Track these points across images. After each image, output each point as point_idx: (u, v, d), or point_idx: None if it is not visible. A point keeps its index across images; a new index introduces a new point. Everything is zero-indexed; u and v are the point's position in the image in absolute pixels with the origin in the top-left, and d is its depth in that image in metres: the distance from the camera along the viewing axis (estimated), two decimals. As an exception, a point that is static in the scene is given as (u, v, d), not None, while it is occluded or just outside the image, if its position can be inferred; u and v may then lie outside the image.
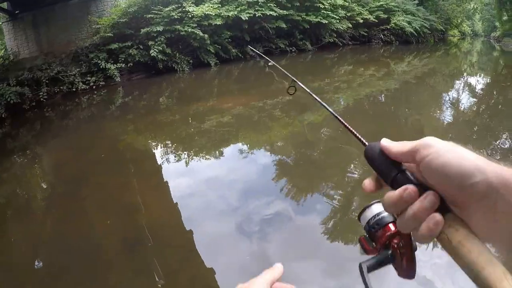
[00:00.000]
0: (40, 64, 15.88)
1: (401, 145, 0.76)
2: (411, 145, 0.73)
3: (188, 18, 19.12)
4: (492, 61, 26.12)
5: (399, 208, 0.73)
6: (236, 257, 4.34)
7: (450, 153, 0.67)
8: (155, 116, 11.57)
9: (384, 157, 0.79)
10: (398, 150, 0.76)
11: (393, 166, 0.77)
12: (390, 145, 0.78)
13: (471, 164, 0.63)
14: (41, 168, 8.72)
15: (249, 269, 4.05)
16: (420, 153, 0.71)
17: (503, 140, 8.21)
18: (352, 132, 1.06)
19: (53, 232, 5.43)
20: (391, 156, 0.78)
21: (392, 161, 0.78)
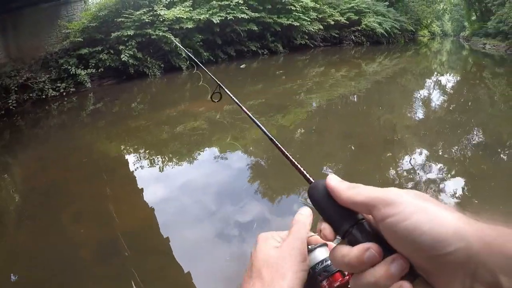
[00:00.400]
0: (8, 71, 15.55)
1: (353, 192, 0.65)
2: (366, 196, 0.62)
3: (159, 22, 19.01)
4: (462, 59, 26.90)
5: (355, 269, 0.62)
6: (214, 262, 4.36)
7: (419, 214, 0.56)
8: (127, 122, 11.47)
9: (333, 201, 0.68)
10: (349, 198, 0.65)
11: (347, 215, 0.67)
12: (339, 189, 0.67)
13: (448, 229, 0.53)
14: (12, 179, 8.55)
15: (227, 274, 4.11)
16: (379, 211, 0.60)
17: (473, 135, 8.43)
18: (296, 166, 0.91)
19: (25, 244, 5.31)
20: (340, 203, 0.67)
21: (344, 208, 0.67)
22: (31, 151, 10.05)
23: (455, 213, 0.55)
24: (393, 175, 6.43)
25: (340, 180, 0.69)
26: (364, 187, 0.65)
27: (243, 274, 0.85)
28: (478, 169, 6.63)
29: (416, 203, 0.57)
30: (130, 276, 4.18)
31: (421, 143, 8.01)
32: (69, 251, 4.88)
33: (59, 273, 4.40)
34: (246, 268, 0.84)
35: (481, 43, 32.16)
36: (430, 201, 0.59)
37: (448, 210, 0.56)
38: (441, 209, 0.56)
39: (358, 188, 0.65)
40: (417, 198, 0.59)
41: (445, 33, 61.37)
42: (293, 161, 0.93)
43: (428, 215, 0.55)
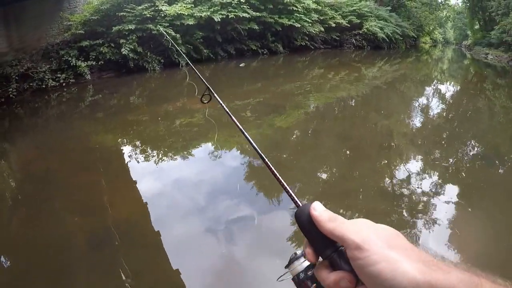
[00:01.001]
0: (10, 60, 15.63)
1: (332, 226, 0.75)
2: (342, 234, 0.73)
3: (161, 17, 19.10)
4: (463, 68, 26.64)
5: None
6: (203, 257, 4.42)
7: (382, 264, 0.66)
8: (125, 115, 11.55)
9: (316, 228, 0.78)
10: (329, 230, 0.75)
11: (328, 242, 0.76)
12: (321, 220, 0.77)
13: (405, 278, 0.63)
14: (9, 166, 8.60)
15: (216, 269, 4.19)
16: (350, 251, 0.71)
17: (471, 146, 8.40)
18: (286, 189, 1.00)
19: (18, 231, 5.39)
20: (321, 231, 0.77)
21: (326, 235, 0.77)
22: (29, 139, 10.13)
23: (415, 264, 0.65)
24: (388, 182, 6.43)
25: (324, 209, 0.80)
26: (341, 222, 0.76)
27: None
28: (475, 180, 6.61)
29: (382, 251, 0.67)
30: (119, 266, 4.24)
31: (417, 151, 7.99)
32: (62, 239, 4.94)
33: (51, 260, 4.47)
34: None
35: (483, 53, 31.78)
36: (396, 247, 0.69)
37: (410, 258, 0.66)
38: (403, 258, 0.66)
39: (336, 222, 0.76)
40: (385, 243, 0.69)
41: (447, 41, 61.03)
42: (283, 184, 1.02)
43: (390, 265, 0.65)
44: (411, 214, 5.27)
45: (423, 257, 0.67)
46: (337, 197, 5.96)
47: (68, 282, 4.13)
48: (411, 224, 5.02)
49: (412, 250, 0.69)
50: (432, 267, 0.65)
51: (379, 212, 5.34)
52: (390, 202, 5.67)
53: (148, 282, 4.11)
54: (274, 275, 3.44)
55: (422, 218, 5.12)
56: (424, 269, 0.64)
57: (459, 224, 5.11)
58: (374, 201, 5.72)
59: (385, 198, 5.83)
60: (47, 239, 4.93)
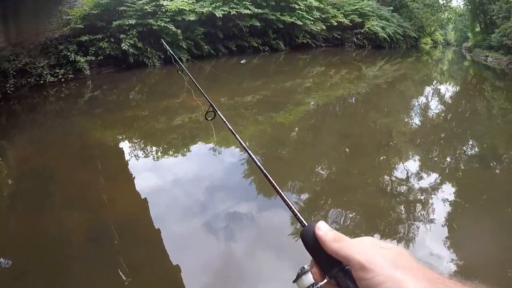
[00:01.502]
0: (7, 55, 15.47)
1: (337, 246, 0.75)
2: (347, 255, 0.72)
3: (162, 13, 18.99)
4: (462, 70, 26.97)
5: None
6: (202, 255, 4.40)
7: (387, 284, 0.65)
8: (124, 111, 11.48)
9: (321, 247, 0.78)
10: (334, 251, 0.75)
11: (334, 261, 0.76)
12: (325, 241, 0.77)
13: None
14: (6, 163, 8.53)
15: (214, 268, 4.15)
16: (355, 271, 0.70)
17: (469, 147, 8.47)
18: (291, 209, 0.97)
19: (17, 227, 5.38)
20: (326, 251, 0.76)
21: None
22: (26, 135, 10.05)
23: (420, 283, 0.64)
24: (386, 180, 6.48)
25: (329, 228, 0.79)
26: (347, 242, 0.75)
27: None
28: (472, 180, 6.70)
29: (386, 272, 0.66)
30: (118, 262, 4.22)
31: (416, 150, 8.10)
32: (61, 234, 4.93)
33: (49, 254, 4.46)
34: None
35: (483, 55, 31.89)
36: (400, 267, 0.67)
37: (415, 277, 0.65)
38: (408, 277, 0.65)
39: (342, 242, 0.75)
40: (390, 263, 0.68)
41: (447, 42, 61.51)
42: (288, 203, 0.98)
43: (395, 285, 0.64)
44: (408, 211, 5.39)
45: (429, 275, 0.67)
46: (336, 193, 6.11)
47: (67, 277, 4.12)
48: (408, 221, 5.11)
49: (418, 268, 0.68)
50: (439, 285, 0.65)
51: (377, 208, 5.46)
52: (388, 199, 5.81)
53: (147, 277, 4.09)
54: (272, 274, 3.40)
55: (419, 215, 5.29)
56: (432, 285, 0.64)
57: (455, 222, 5.23)
58: (372, 197, 5.82)
59: (383, 195, 5.95)
60: (46, 234, 4.95)
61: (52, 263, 4.32)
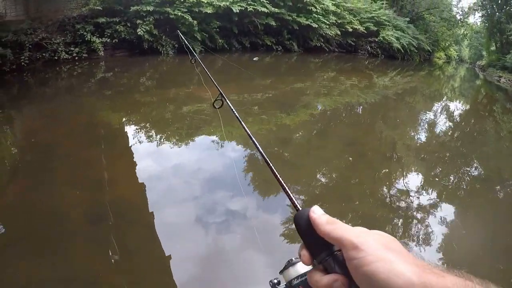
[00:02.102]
0: (25, 28, 15.62)
1: (330, 228, 0.76)
2: (340, 235, 0.73)
3: (180, 2, 19.09)
4: (474, 89, 26.46)
5: None
6: (193, 245, 4.46)
7: (378, 263, 0.66)
8: (133, 95, 11.61)
9: (313, 231, 0.79)
10: (326, 232, 0.76)
11: (324, 245, 0.77)
12: (319, 222, 0.78)
13: (400, 279, 0.64)
14: (13, 133, 8.63)
15: (205, 258, 4.23)
16: (347, 252, 0.71)
17: (473, 167, 8.39)
18: (287, 193, 0.98)
19: (17, 198, 5.44)
20: (319, 233, 0.78)
21: (322, 238, 0.77)
22: (36, 108, 10.19)
23: (410, 266, 0.65)
24: (385, 192, 6.45)
25: (323, 213, 0.81)
26: (341, 225, 0.76)
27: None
28: (473, 201, 6.64)
29: (378, 253, 0.68)
30: (109, 242, 4.31)
31: (419, 166, 8.00)
32: (57, 209, 5.02)
33: (43, 226, 4.55)
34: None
35: (497, 75, 31.25)
36: (392, 250, 0.69)
37: (405, 261, 0.67)
38: (399, 260, 0.67)
39: (335, 224, 0.76)
40: (382, 246, 0.70)
41: (461, 59, 60.49)
42: (285, 188, 1.00)
43: (386, 264, 0.66)
44: (405, 226, 5.33)
45: (418, 262, 0.68)
46: (336, 200, 6.02)
47: (57, 250, 4.18)
48: (406, 234, 5.06)
49: (408, 255, 0.70)
50: (426, 270, 0.65)
51: (375, 218, 5.40)
52: (387, 211, 5.74)
53: (138, 260, 4.17)
54: (264, 269, 3.48)
55: (415, 232, 5.20)
56: (419, 271, 0.64)
57: (453, 240, 5.17)
58: (372, 207, 5.78)
59: (381, 207, 5.89)
60: (43, 207, 5.01)
61: (45, 235, 4.41)
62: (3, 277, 3.81)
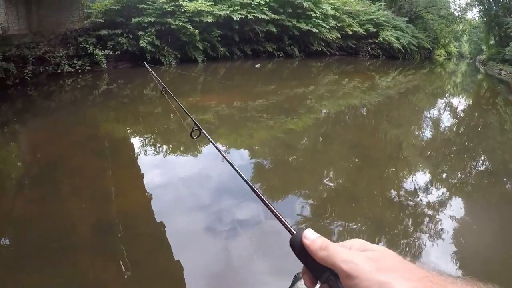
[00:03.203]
0: (28, 42, 15.75)
1: (323, 255, 0.76)
2: (332, 263, 0.74)
3: (180, 12, 19.22)
4: (476, 83, 26.42)
5: None
6: (204, 254, 4.43)
7: (376, 287, 0.66)
8: (137, 106, 11.67)
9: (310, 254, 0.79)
10: (320, 258, 0.76)
11: (324, 266, 0.77)
12: (312, 249, 0.78)
13: None
14: (18, 147, 8.64)
15: (216, 267, 4.20)
16: (342, 280, 0.72)
17: (480, 162, 8.38)
18: (279, 218, 0.99)
19: (24, 211, 5.46)
20: (315, 259, 0.78)
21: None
22: (40, 121, 10.24)
23: (407, 283, 0.65)
24: (394, 191, 6.41)
25: (316, 237, 0.80)
26: (332, 250, 0.75)
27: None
28: (482, 195, 6.61)
29: (371, 276, 0.67)
30: (119, 254, 4.30)
31: (425, 163, 7.96)
32: (64, 221, 5.02)
33: (53, 241, 4.52)
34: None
35: (497, 69, 31.31)
36: (386, 270, 0.68)
37: (402, 278, 0.66)
38: (395, 279, 0.66)
39: (328, 250, 0.76)
40: (374, 268, 0.69)
41: (461, 55, 60.49)
42: (276, 213, 1.00)
43: (379, 287, 0.66)
44: (414, 225, 5.27)
45: (417, 274, 0.67)
46: (343, 202, 5.98)
47: (67, 264, 4.16)
48: (414, 235, 5.01)
49: (405, 269, 0.69)
50: (427, 284, 0.65)
51: (383, 220, 5.36)
52: (395, 211, 5.67)
53: (148, 271, 4.12)
54: (275, 278, 3.49)
55: (425, 230, 5.11)
56: (418, 287, 0.64)
57: (463, 238, 5.11)
58: (378, 209, 5.73)
59: (390, 207, 5.83)
60: (51, 221, 5.01)
61: (53, 248, 4.37)
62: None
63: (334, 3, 26.96)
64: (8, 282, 3.93)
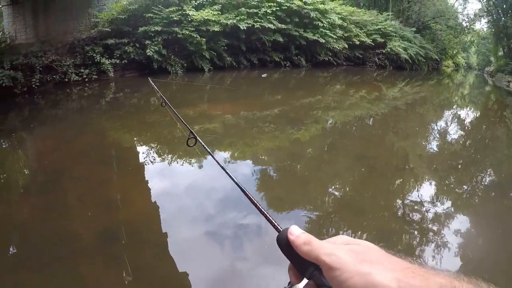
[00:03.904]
0: (35, 51, 15.91)
1: (307, 249, 0.78)
2: (315, 257, 0.75)
3: (187, 22, 19.31)
4: (484, 95, 26.17)
5: None
6: (208, 263, 4.39)
7: (355, 278, 0.68)
8: (144, 115, 11.65)
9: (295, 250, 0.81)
10: (304, 253, 0.78)
11: (309, 262, 0.79)
12: (297, 243, 0.80)
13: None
14: (25, 155, 8.67)
15: (220, 276, 4.14)
16: (324, 271, 0.74)
17: (487, 175, 8.26)
18: (265, 216, 1.03)
19: (30, 217, 5.45)
20: (300, 254, 0.80)
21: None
22: (47, 129, 10.27)
23: (389, 273, 0.66)
24: (400, 203, 6.34)
25: (300, 233, 0.82)
26: (315, 245, 0.77)
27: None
28: (488, 209, 6.51)
29: (352, 268, 0.69)
30: (123, 263, 4.27)
31: (432, 176, 7.83)
32: (69, 228, 5.00)
33: (56, 248, 4.50)
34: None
35: (506, 80, 31.21)
36: (367, 261, 0.70)
37: (384, 269, 0.68)
38: (376, 270, 0.68)
39: (311, 245, 0.78)
40: (356, 259, 0.71)
41: (469, 66, 60.42)
42: (262, 211, 1.05)
43: (362, 278, 0.67)
44: (420, 237, 5.20)
45: (400, 266, 0.69)
46: (349, 214, 5.91)
47: (72, 272, 4.13)
48: (419, 248, 4.96)
49: (388, 261, 0.71)
50: (409, 274, 0.66)
51: (390, 231, 5.31)
52: (401, 223, 5.61)
53: (151, 280, 4.06)
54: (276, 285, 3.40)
55: (431, 243, 5.05)
56: (400, 277, 0.65)
57: (469, 251, 5.04)
58: (384, 221, 5.68)
59: (396, 219, 5.77)
60: (56, 229, 4.98)
61: (57, 255, 4.36)
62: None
63: (341, 13, 26.97)
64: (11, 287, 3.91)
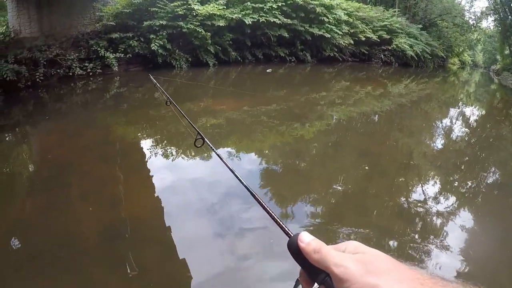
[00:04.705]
0: (40, 45, 15.88)
1: (317, 258, 0.78)
2: (325, 267, 0.76)
3: (192, 16, 19.24)
4: (489, 93, 26.08)
5: None
6: (212, 258, 4.36)
7: None
8: (148, 110, 11.61)
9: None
10: (314, 261, 0.78)
11: (320, 268, 0.79)
12: (306, 252, 0.80)
13: None
14: (29, 149, 8.66)
15: (224, 271, 4.12)
16: (334, 282, 0.74)
17: (491, 173, 8.21)
18: (276, 221, 1.02)
19: (33, 214, 5.40)
20: (310, 261, 0.80)
21: None
22: (51, 123, 10.24)
23: (397, 285, 0.67)
24: (404, 201, 6.31)
25: (310, 240, 0.82)
26: (325, 253, 0.77)
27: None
28: (493, 207, 6.48)
29: (361, 279, 0.69)
30: (126, 259, 4.23)
31: (436, 173, 7.80)
32: (72, 224, 4.97)
33: (59, 245, 4.48)
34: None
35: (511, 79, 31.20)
36: (375, 272, 0.70)
37: (392, 280, 0.68)
38: (384, 281, 0.67)
39: (320, 253, 0.78)
40: (364, 270, 0.71)
41: (475, 64, 60.20)
42: (273, 215, 1.04)
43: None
44: (424, 236, 5.18)
45: (408, 276, 0.69)
46: (352, 212, 5.89)
47: (76, 269, 4.10)
48: (423, 246, 4.91)
49: (396, 271, 0.70)
50: (417, 286, 0.66)
51: (392, 230, 5.29)
52: (405, 222, 5.58)
53: (156, 276, 4.04)
54: (282, 282, 3.37)
55: (435, 241, 5.02)
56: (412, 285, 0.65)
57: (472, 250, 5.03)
58: (389, 219, 5.65)
59: (400, 217, 5.74)
60: (60, 225, 4.96)
61: (60, 252, 4.34)
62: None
63: (347, 9, 26.81)
64: (14, 286, 3.89)
